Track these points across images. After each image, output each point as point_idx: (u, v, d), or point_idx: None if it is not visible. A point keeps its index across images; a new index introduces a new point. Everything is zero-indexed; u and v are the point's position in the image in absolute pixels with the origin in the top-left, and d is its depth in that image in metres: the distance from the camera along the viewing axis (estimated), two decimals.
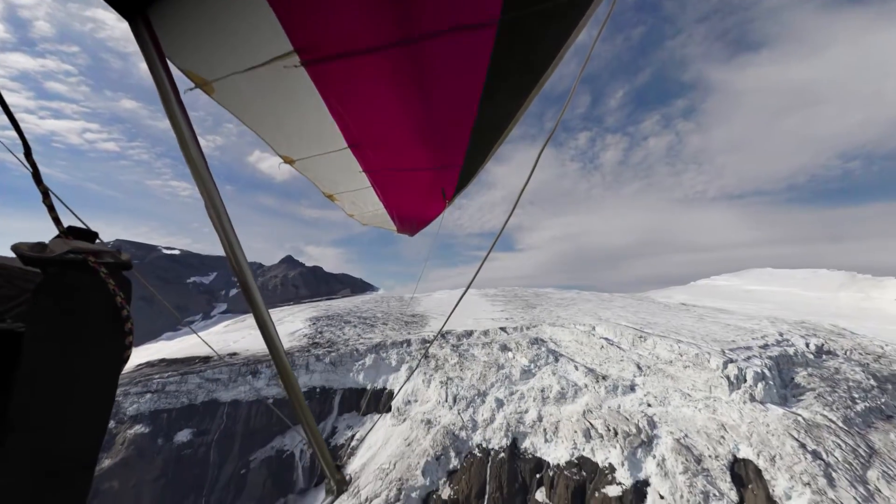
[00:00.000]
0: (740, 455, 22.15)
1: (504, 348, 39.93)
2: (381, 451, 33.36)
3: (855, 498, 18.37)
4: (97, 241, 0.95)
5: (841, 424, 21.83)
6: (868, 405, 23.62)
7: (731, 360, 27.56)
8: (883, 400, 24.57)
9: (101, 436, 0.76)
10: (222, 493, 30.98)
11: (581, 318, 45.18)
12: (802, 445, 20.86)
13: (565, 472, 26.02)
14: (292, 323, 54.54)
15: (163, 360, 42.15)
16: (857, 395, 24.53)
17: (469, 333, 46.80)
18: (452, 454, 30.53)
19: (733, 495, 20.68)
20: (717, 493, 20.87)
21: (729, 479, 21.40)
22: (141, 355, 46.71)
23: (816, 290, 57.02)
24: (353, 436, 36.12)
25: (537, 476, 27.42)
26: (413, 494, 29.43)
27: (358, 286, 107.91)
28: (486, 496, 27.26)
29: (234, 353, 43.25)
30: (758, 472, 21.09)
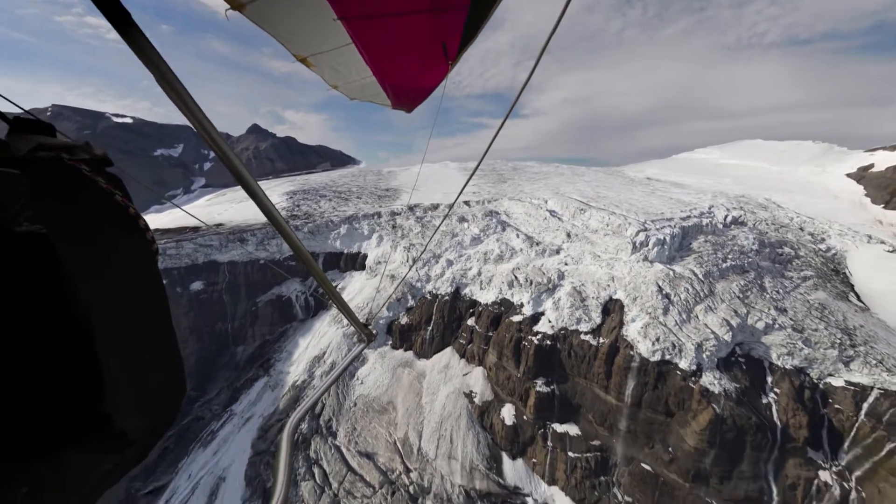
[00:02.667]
0: (615, 297, 29.09)
1: (462, 220, 43.96)
2: (357, 295, 42.57)
3: (675, 321, 25.75)
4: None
5: (700, 276, 27.74)
6: (734, 263, 29.11)
7: (646, 230, 31.47)
8: (750, 260, 30.01)
9: (169, 323, 0.78)
10: (241, 321, 41.64)
11: (541, 192, 47.25)
12: (660, 290, 27.20)
13: (489, 308, 34.62)
14: (270, 197, 56.83)
15: (157, 230, 46.93)
16: (731, 256, 29.76)
17: (435, 207, 50.08)
18: (410, 297, 39.52)
19: (598, 319, 28.60)
20: (587, 318, 28.77)
21: (600, 311, 28.97)
22: None
23: (783, 164, 56.87)
24: (336, 285, 45.18)
25: (470, 311, 36.59)
26: (381, 321, 40.13)
27: (338, 159, 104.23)
28: (432, 322, 37.31)
29: (221, 224, 47.67)
30: (621, 306, 28.34)
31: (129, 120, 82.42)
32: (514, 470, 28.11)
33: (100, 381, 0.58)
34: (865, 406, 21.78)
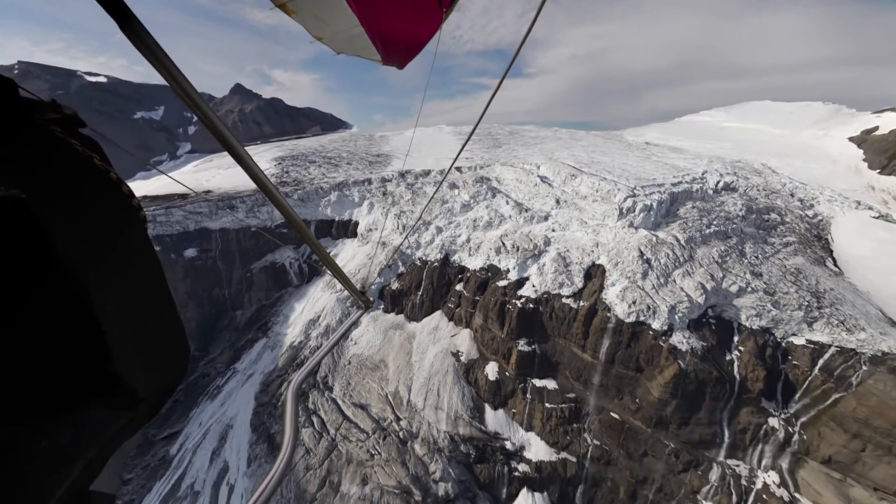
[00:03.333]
0: (598, 262, 29.71)
1: (452, 186, 43.36)
2: (350, 262, 43.37)
3: (652, 284, 26.58)
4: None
5: (682, 242, 28.12)
6: (717, 229, 29.34)
7: (634, 196, 31.26)
8: (734, 226, 30.19)
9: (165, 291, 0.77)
10: (237, 286, 42.85)
11: (535, 157, 46.04)
12: (642, 255, 27.73)
13: (477, 274, 35.48)
14: (258, 163, 55.48)
15: (145, 197, 46.46)
16: (716, 222, 29.91)
17: (427, 173, 49.08)
18: (400, 264, 40.29)
19: (579, 284, 29.49)
20: (570, 283, 29.65)
21: (582, 276, 29.76)
22: None
23: (787, 127, 54.62)
24: (328, 252, 45.88)
25: (459, 277, 37.52)
26: (372, 287, 41.36)
27: (329, 123, 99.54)
28: (422, 287, 38.44)
29: (209, 191, 47.06)
30: (603, 271, 29.07)
31: (103, 79, 77.12)
32: (495, 418, 30.75)
33: (103, 343, 0.61)
34: (821, 362, 23.30)
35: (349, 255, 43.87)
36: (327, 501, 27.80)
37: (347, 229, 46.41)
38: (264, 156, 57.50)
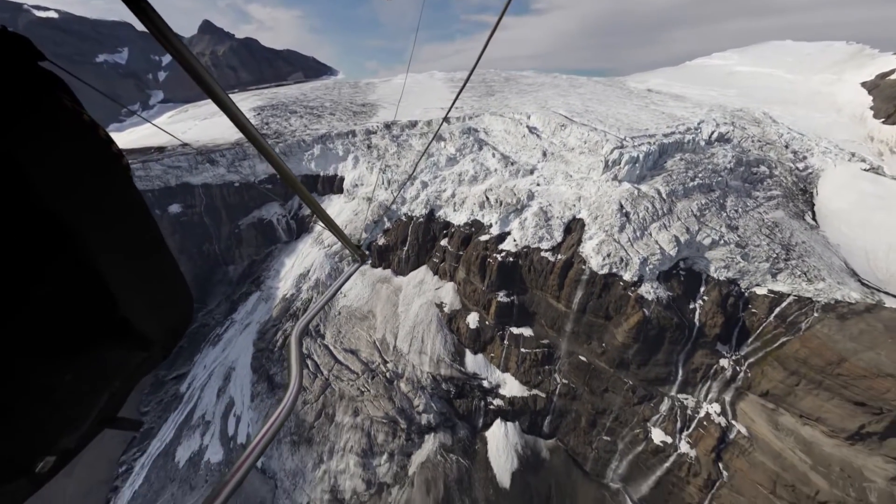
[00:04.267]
0: (578, 216, 29.78)
1: (439, 138, 41.55)
2: (336, 218, 43.36)
3: (628, 237, 27.00)
4: None
5: (663, 195, 27.91)
6: (702, 182, 28.90)
7: (622, 147, 30.20)
8: (719, 179, 29.66)
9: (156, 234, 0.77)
10: (227, 242, 43.42)
11: (527, 106, 43.43)
12: (622, 208, 27.72)
13: (461, 229, 35.75)
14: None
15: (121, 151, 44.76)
16: (701, 175, 29.34)
17: (413, 124, 46.66)
18: (386, 220, 40.37)
19: (559, 238, 29.91)
20: (549, 237, 30.08)
21: (562, 230, 30.05)
22: None
23: (801, 71, 50.42)
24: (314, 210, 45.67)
25: (444, 232, 37.84)
26: (360, 244, 41.96)
27: (311, 68, 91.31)
28: (408, 243, 39.01)
29: (186, 144, 45.17)
30: (582, 225, 29.30)
31: (53, 14, 68.53)
32: (474, 361, 33.43)
33: (107, 291, 0.65)
34: (777, 310, 24.68)
35: (335, 212, 43.73)
36: (324, 429, 31.49)
37: (333, 185, 45.55)
38: (242, 106, 54.09)
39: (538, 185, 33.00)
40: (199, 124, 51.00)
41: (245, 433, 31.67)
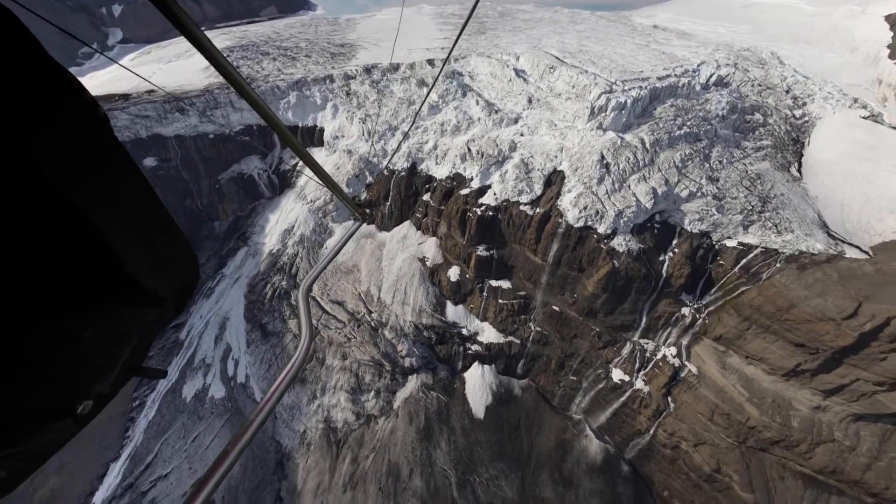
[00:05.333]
0: (559, 168, 29.04)
1: (421, 83, 38.72)
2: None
3: (606, 190, 26.65)
4: None
5: (647, 145, 26.88)
6: (689, 131, 27.62)
7: (610, 92, 28.33)
8: (709, 127, 28.29)
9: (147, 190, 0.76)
10: (209, 198, 42.87)
11: (517, 46, 39.68)
12: (602, 159, 26.92)
13: (443, 183, 35.08)
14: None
15: (95, 99, 41.96)
16: (690, 123, 27.92)
17: (395, 68, 43.05)
18: (367, 174, 39.40)
19: (538, 191, 29.53)
20: (529, 190, 29.67)
21: (542, 183, 29.53)
22: None
23: (823, 3, 44.96)
24: (296, 162, 44.27)
25: (426, 186, 37.17)
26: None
27: (286, 2, 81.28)
28: (390, 198, 38.55)
29: (151, 91, 42.18)
30: (563, 178, 28.72)
31: None
32: (454, 312, 35.21)
33: (110, 251, 0.66)
34: (743, 261, 25.33)
35: (319, 164, 42.44)
36: (316, 371, 34.35)
37: (313, 137, 43.56)
38: None
39: (521, 135, 31.61)
40: (163, 68, 47.17)
41: (244, 374, 34.62)
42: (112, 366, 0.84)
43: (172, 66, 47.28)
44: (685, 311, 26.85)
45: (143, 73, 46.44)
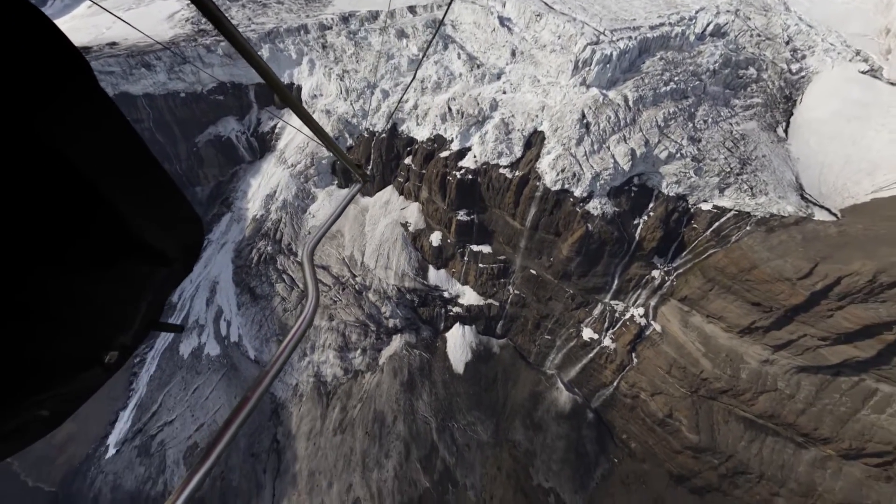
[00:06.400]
0: (539, 129, 28.10)
1: (401, 34, 35.95)
2: (297, 135, 40.92)
3: (585, 151, 25.98)
4: None
5: (630, 103, 25.74)
6: (675, 87, 26.27)
7: (597, 43, 26.52)
8: (697, 83, 26.87)
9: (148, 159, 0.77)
10: (187, 162, 41.87)
11: None
12: (583, 118, 25.96)
13: (424, 145, 34.09)
14: (165, 1, 44.07)
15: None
16: (677, 79, 26.48)
17: (374, 16, 39.65)
18: (347, 135, 38.10)
19: (518, 153, 28.85)
20: (509, 153, 28.99)
21: (522, 144, 28.75)
22: None
23: None
24: (275, 124, 42.57)
25: (407, 149, 36.16)
26: (323, 161, 40.52)
27: None
28: (371, 161, 37.68)
29: (114, 43, 39.31)
30: (543, 139, 27.90)
31: None
32: (436, 276, 36.14)
33: (113, 210, 0.69)
34: (716, 225, 25.53)
35: (298, 125, 40.88)
36: (306, 333, 36.08)
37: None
38: None
39: (504, 92, 30.11)
40: (125, 15, 43.35)
41: (237, 334, 36.49)
42: (131, 320, 0.91)
43: (132, 15, 43.48)
44: (655, 273, 27.61)
45: (102, 23, 42.86)
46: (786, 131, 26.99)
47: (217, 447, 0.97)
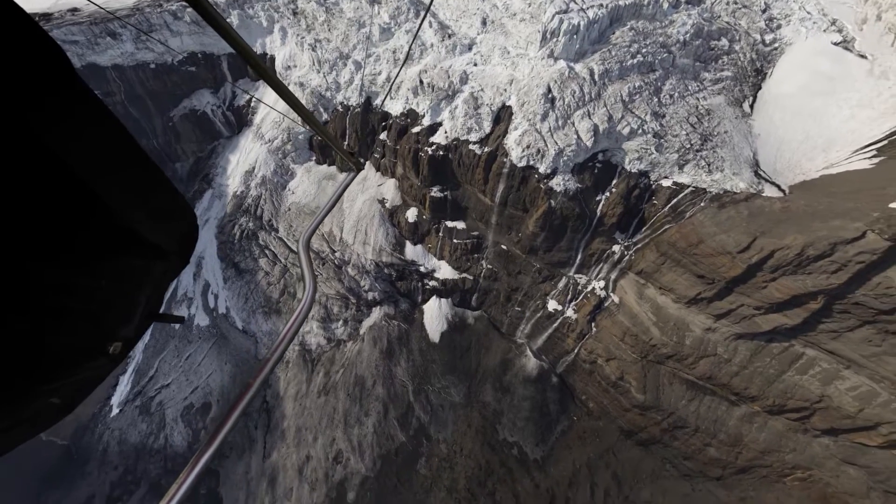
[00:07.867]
0: (508, 103, 28.00)
1: (373, 1, 34.43)
2: (275, 107, 40.35)
3: (549, 127, 26.21)
4: None
5: (595, 77, 25.53)
6: (643, 60, 25.90)
7: (566, 12, 25.81)
8: (665, 55, 26.43)
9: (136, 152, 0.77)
10: (164, 137, 41.62)
11: None
12: (549, 93, 25.88)
13: (398, 120, 33.93)
14: None
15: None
16: (646, 51, 26.04)
17: None
18: (322, 110, 37.66)
19: (487, 129, 28.97)
20: (478, 128, 29.09)
21: (491, 119, 28.77)
22: None
23: None
24: (251, 98, 41.83)
25: (382, 124, 35.96)
26: (300, 137, 40.34)
27: None
28: (347, 137, 37.58)
29: (76, 10, 37.65)
30: (510, 114, 27.91)
31: None
32: (413, 251, 37.37)
33: (96, 199, 0.68)
34: (674, 201, 26.31)
35: (272, 100, 40.17)
36: (288, 303, 37.93)
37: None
38: None
39: (475, 64, 29.59)
40: None
41: (224, 306, 38.40)
42: (132, 313, 0.92)
43: None
44: (616, 248, 28.80)
45: None
46: (751, 106, 26.94)
47: (223, 429, 1.01)
